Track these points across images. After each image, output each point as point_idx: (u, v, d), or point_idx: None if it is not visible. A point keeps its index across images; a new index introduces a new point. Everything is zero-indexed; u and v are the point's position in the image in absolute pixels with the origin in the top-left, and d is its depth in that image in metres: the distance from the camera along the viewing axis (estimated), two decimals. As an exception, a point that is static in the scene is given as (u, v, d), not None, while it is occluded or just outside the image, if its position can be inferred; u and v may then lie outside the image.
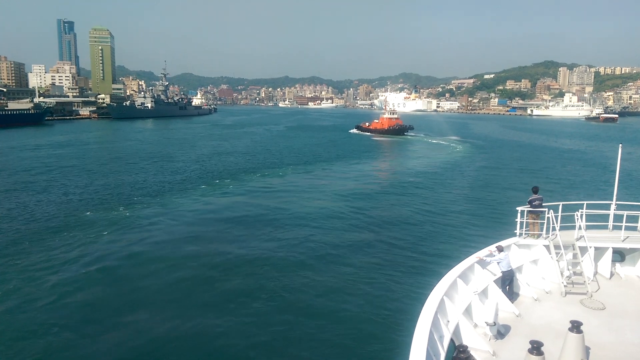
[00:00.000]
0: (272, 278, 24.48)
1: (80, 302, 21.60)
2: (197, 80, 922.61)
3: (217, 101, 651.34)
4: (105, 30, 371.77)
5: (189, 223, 35.10)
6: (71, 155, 75.19)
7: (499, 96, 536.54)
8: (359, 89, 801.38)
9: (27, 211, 37.66)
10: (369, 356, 17.44)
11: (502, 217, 32.75)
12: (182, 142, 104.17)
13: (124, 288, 23.26)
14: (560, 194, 42.01)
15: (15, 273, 24.63)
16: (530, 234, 15.94)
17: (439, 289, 11.41)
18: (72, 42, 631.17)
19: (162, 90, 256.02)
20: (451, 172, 63.44)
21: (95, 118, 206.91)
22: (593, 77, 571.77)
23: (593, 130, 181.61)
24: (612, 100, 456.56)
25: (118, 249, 28.73)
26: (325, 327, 19.45)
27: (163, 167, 64.19)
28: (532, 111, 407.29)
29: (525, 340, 9.40)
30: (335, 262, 26.99)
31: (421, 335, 8.97)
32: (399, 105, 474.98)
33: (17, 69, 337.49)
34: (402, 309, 20.47)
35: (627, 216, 15.86)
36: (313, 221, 35.94)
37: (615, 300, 13.36)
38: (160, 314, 20.46)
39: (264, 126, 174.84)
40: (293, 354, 17.64)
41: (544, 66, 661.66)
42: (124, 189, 47.45)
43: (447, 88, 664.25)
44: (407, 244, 30.68)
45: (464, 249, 22.43)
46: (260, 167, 65.45)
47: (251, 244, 30.11)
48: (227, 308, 21.08)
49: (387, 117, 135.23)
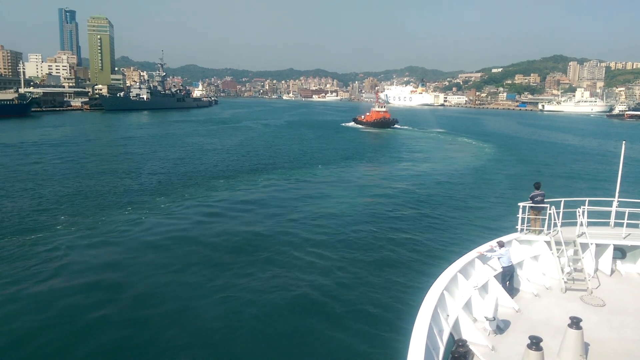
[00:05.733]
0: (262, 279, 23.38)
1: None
2: (201, 72, 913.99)
3: (220, 93, 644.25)
4: (104, 19, 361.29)
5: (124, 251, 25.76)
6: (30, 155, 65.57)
7: (508, 91, 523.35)
8: (364, 82, 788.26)
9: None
10: (367, 349, 17.10)
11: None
12: (158, 140, 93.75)
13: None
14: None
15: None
16: (531, 230, 15.98)
17: (439, 283, 11.42)
18: (73, 31, 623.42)
19: (159, 81, 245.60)
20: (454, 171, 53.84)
21: (87, 110, 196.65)
22: (604, 72, 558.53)
23: (624, 130, 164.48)
24: (624, 96, 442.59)
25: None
26: (323, 320, 19.12)
27: (117, 172, 54.28)
28: (544, 106, 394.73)
29: (525, 336, 9.28)
30: (330, 255, 26.49)
31: (421, 329, 9.00)
32: (405, 99, 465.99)
33: (13, 58, 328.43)
34: (402, 303, 20.26)
35: (628, 213, 15.74)
36: (310, 220, 33.69)
37: (616, 297, 13.31)
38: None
39: (263, 121, 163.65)
40: (290, 347, 17.31)
41: (553, 60, 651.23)
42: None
43: (454, 82, 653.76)
44: (406, 237, 30.15)
45: (465, 244, 22.36)
46: (241, 171, 55.52)
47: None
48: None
49: (375, 111, 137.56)
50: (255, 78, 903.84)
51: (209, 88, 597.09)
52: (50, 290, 21.46)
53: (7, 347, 16.90)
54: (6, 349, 16.76)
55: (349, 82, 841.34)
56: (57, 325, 18.40)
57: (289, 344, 17.48)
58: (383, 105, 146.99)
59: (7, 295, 20.64)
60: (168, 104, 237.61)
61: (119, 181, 46.95)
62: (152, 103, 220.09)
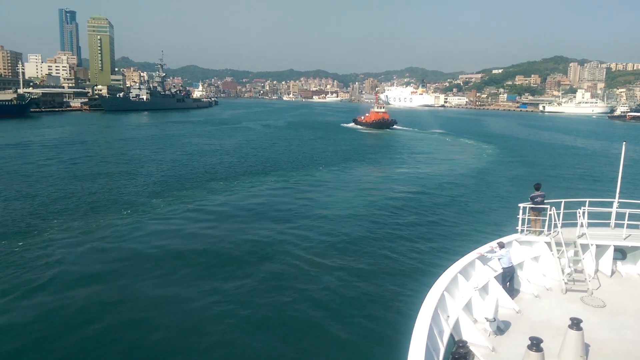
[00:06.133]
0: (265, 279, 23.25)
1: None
2: (202, 73, 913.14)
3: (220, 94, 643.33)
4: (104, 20, 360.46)
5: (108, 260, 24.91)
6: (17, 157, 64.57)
7: (508, 92, 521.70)
8: (364, 83, 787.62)
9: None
10: (368, 350, 17.00)
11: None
12: (156, 141, 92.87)
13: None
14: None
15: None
16: (531, 231, 15.90)
17: (439, 284, 11.37)
18: (73, 32, 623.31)
19: (159, 81, 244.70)
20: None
21: (87, 110, 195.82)
22: (605, 73, 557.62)
23: (626, 131, 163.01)
24: (625, 97, 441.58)
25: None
26: (323, 321, 18.95)
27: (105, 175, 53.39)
28: (544, 107, 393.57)
29: (525, 337, 9.23)
30: (330, 256, 26.28)
31: (421, 330, 8.98)
32: (406, 100, 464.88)
33: (13, 58, 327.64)
34: (402, 304, 20.15)
35: (629, 214, 15.65)
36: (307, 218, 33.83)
37: (616, 298, 13.26)
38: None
39: (263, 122, 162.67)
40: (290, 347, 17.11)
41: (554, 61, 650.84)
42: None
43: (454, 83, 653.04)
44: (406, 238, 29.98)
45: (465, 245, 21.96)
46: (238, 174, 54.67)
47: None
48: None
49: (374, 111, 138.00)
50: (256, 79, 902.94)
51: (209, 89, 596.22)
52: (42, 295, 20.88)
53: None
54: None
55: (349, 83, 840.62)
56: (48, 332, 17.72)
57: (290, 345, 17.35)
58: (382, 106, 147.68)
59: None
60: (168, 104, 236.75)
61: (114, 183, 46.17)
62: (151, 104, 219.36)
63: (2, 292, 20.91)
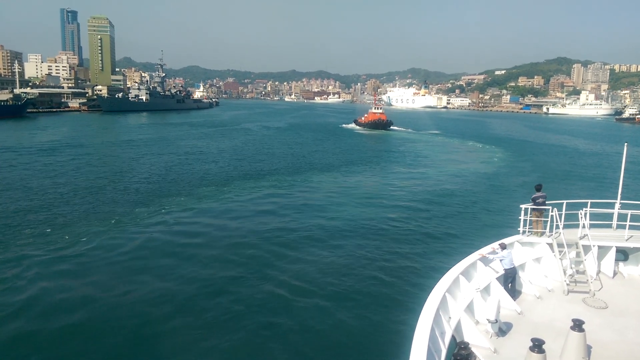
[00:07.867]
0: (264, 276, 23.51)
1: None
2: (204, 73, 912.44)
3: (222, 94, 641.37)
4: (104, 19, 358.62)
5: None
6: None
7: (511, 93, 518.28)
8: (366, 84, 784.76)
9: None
10: (370, 352, 16.88)
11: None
12: (153, 144, 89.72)
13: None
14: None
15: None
16: (533, 232, 15.79)
17: (441, 286, 11.32)
18: (75, 32, 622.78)
19: (159, 82, 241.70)
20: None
21: (85, 111, 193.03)
22: (608, 75, 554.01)
23: (637, 135, 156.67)
24: (629, 99, 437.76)
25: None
26: (323, 321, 18.83)
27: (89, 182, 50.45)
28: (548, 109, 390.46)
29: (527, 338, 9.18)
30: (330, 257, 26.05)
31: (423, 331, 8.99)
32: (408, 101, 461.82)
33: (13, 58, 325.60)
34: (404, 305, 19.93)
35: (631, 215, 15.51)
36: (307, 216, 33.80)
37: (618, 299, 13.19)
38: None
39: (264, 123, 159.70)
40: (292, 348, 17.00)
41: (557, 63, 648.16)
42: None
43: (456, 84, 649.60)
44: (406, 240, 29.71)
45: (467, 246, 21.72)
46: (236, 178, 51.76)
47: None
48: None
49: (372, 112, 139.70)
50: (258, 79, 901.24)
51: (210, 89, 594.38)
52: (35, 299, 20.59)
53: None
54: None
55: (351, 84, 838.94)
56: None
57: (291, 345, 17.35)
58: (380, 107, 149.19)
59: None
60: (167, 105, 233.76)
61: (105, 187, 43.58)
62: (151, 104, 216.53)
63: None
